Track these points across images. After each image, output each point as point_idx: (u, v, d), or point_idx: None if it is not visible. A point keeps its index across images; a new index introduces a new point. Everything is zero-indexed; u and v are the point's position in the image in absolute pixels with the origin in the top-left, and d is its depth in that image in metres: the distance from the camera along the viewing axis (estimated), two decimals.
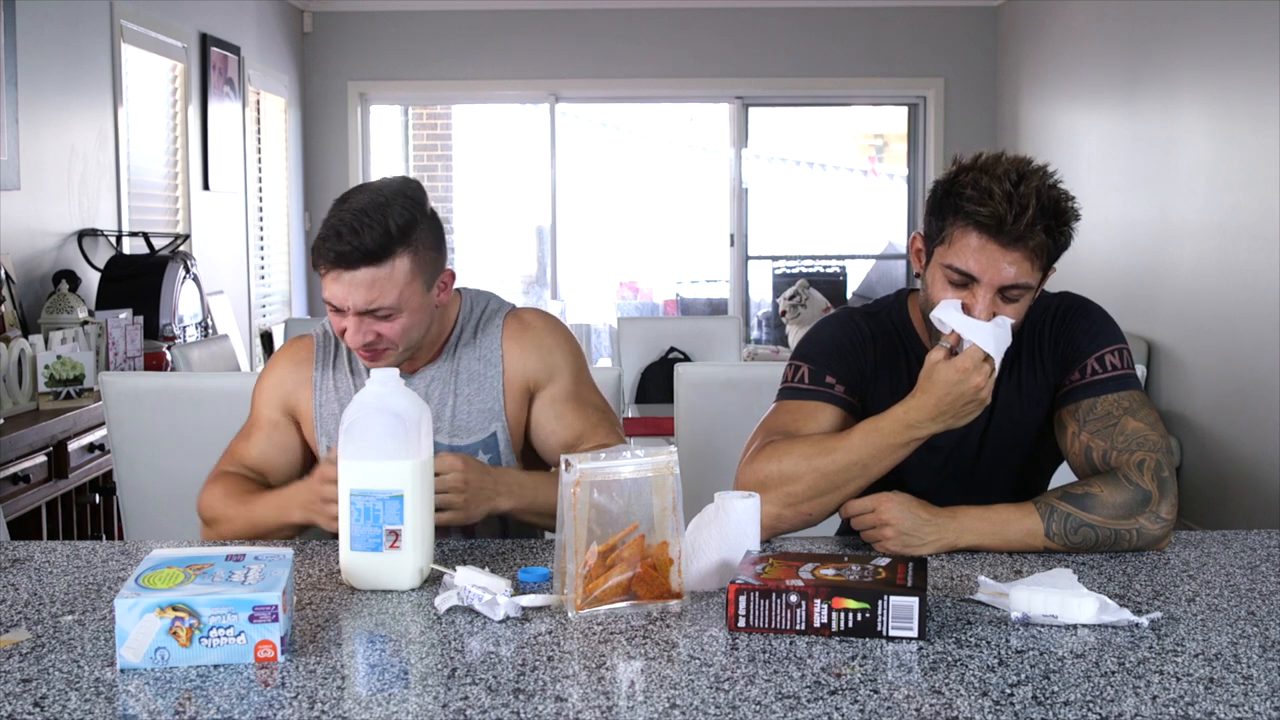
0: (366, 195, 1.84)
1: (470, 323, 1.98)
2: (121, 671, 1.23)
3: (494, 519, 1.90)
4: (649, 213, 9.11)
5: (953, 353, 1.67)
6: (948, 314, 1.68)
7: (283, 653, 1.26)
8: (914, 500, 1.66)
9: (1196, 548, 1.72)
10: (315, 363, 1.99)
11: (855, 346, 1.86)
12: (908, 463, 1.74)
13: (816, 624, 1.34)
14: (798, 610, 1.34)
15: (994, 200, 1.64)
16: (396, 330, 1.82)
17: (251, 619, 1.24)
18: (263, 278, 6.65)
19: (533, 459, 2.00)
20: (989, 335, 1.66)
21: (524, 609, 1.42)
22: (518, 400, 1.95)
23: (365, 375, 1.94)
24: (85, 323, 3.86)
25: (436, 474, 1.64)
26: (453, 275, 1.92)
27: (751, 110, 7.78)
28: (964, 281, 1.68)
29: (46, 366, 3.44)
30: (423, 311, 1.85)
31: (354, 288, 1.78)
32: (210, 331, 4.94)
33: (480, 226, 8.83)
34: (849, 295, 7.83)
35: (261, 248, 6.62)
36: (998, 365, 1.67)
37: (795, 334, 6.36)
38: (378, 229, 1.77)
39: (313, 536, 1.82)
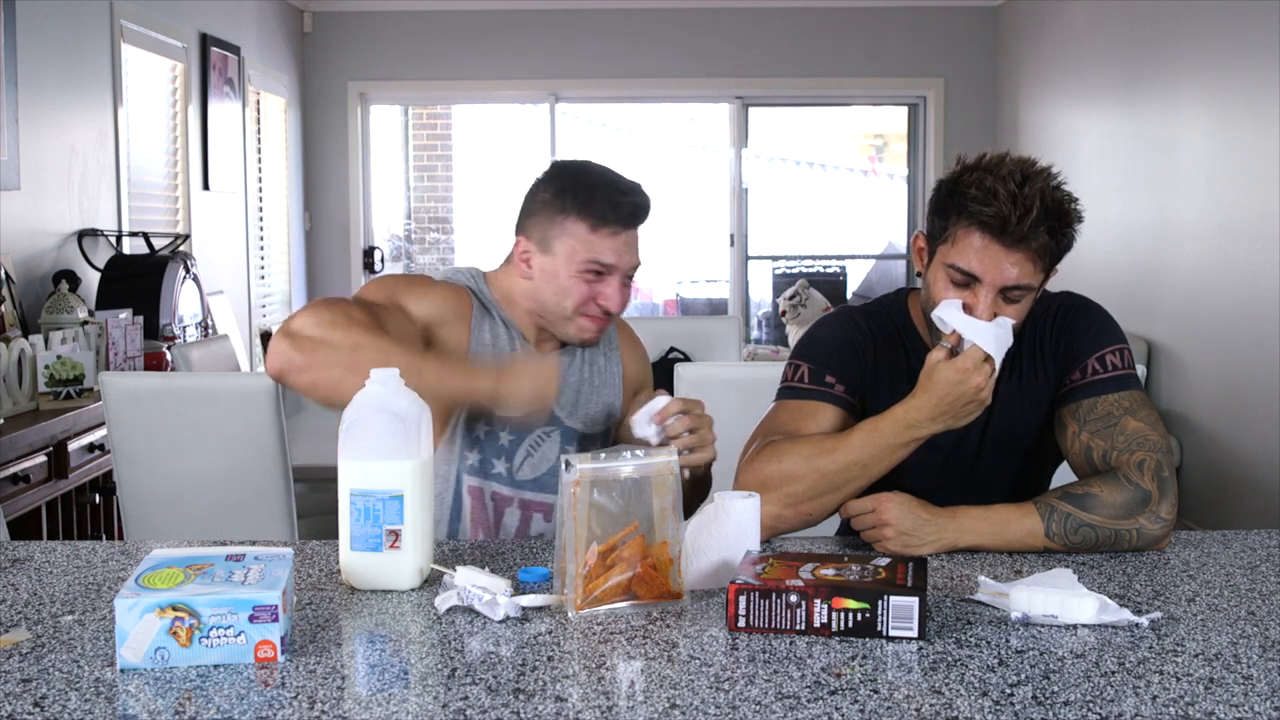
0: (600, 165, 1.95)
1: None
2: (121, 671, 1.23)
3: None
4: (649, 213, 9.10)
5: (953, 353, 1.67)
6: (948, 313, 1.68)
7: (283, 653, 1.26)
8: (914, 500, 1.66)
9: (1196, 548, 1.72)
10: (473, 308, 1.92)
11: (855, 345, 1.86)
12: (908, 462, 1.74)
13: (816, 624, 1.34)
14: (798, 610, 1.34)
15: (998, 201, 1.64)
16: (629, 299, 1.92)
17: (251, 619, 1.24)
18: (263, 278, 6.65)
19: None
20: (990, 335, 1.66)
21: (524, 609, 1.42)
22: (628, 401, 2.01)
23: (510, 331, 1.92)
24: (85, 323, 3.86)
25: (676, 414, 1.70)
26: None
27: (751, 110, 7.78)
28: (966, 281, 1.68)
29: (46, 366, 3.44)
30: None
31: (630, 247, 1.89)
32: (210, 331, 4.94)
33: (480, 226, 8.83)
34: (849, 295, 7.83)
35: (261, 248, 6.62)
36: (998, 366, 1.67)
37: (795, 334, 6.36)
38: (644, 195, 1.89)
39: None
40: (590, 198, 1.85)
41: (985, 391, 1.66)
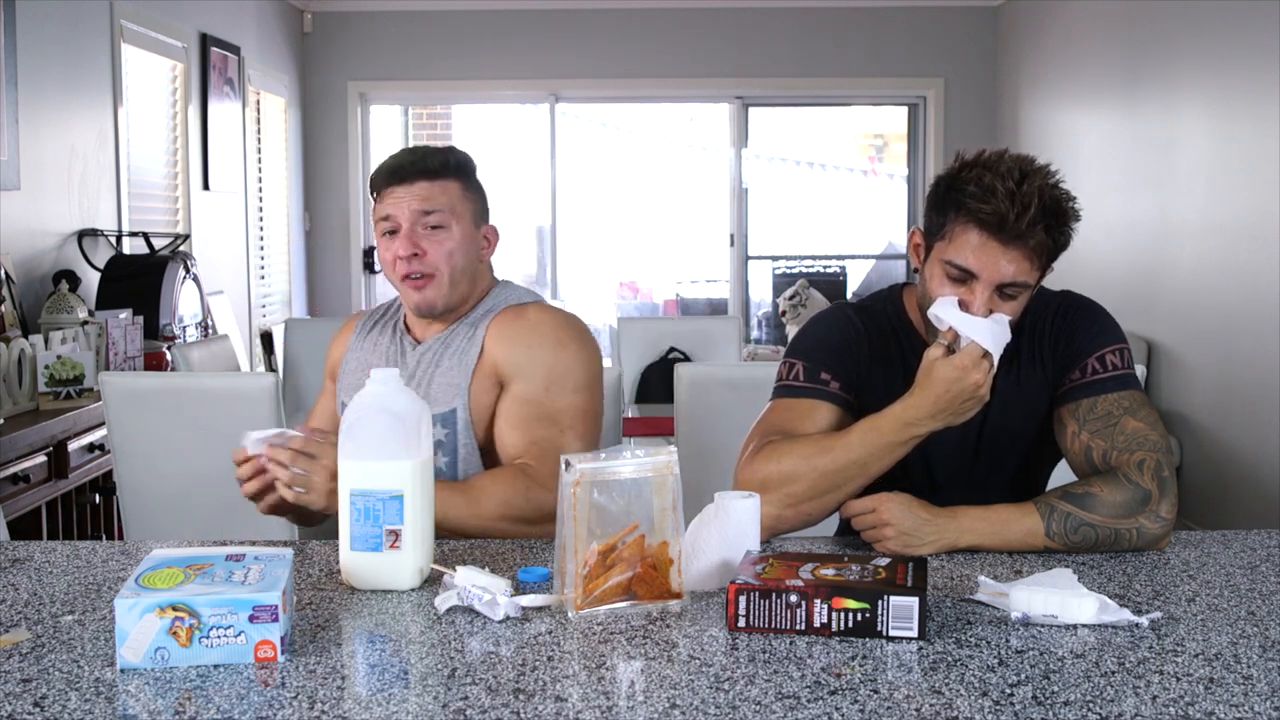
0: (422, 146, 2.03)
1: (485, 307, 2.00)
2: (121, 671, 1.23)
3: None
4: (649, 213, 9.11)
5: (950, 350, 1.67)
6: (945, 311, 1.68)
7: (283, 653, 1.26)
8: (914, 500, 1.66)
9: (1196, 548, 1.72)
10: (359, 326, 2.12)
11: (849, 342, 1.85)
12: (907, 461, 1.74)
13: (816, 624, 1.34)
14: (798, 610, 1.34)
15: (996, 198, 1.64)
16: (441, 251, 1.92)
17: (251, 619, 1.24)
18: (263, 278, 6.65)
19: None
20: (987, 332, 1.66)
21: (524, 609, 1.42)
22: (485, 384, 1.93)
23: (394, 327, 2.05)
24: (85, 323, 3.86)
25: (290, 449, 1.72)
26: (496, 233, 2.03)
27: (751, 110, 7.78)
28: (963, 278, 1.68)
29: (46, 366, 3.44)
30: (467, 246, 1.95)
31: (408, 198, 1.92)
32: (210, 331, 4.94)
33: None
34: (849, 295, 7.83)
35: (261, 248, 6.62)
36: (996, 362, 1.67)
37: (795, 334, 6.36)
38: (436, 156, 1.95)
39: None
40: (379, 168, 1.97)
41: (984, 388, 1.65)
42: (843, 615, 1.33)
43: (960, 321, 1.66)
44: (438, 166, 1.94)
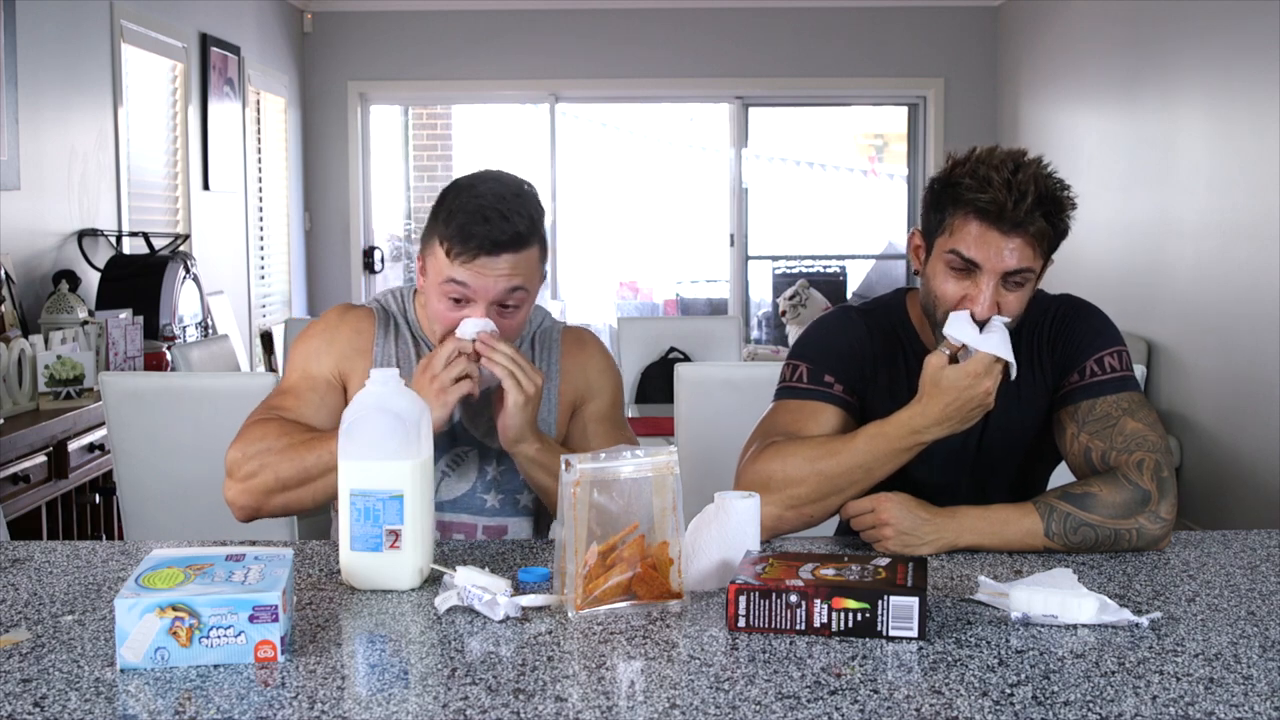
0: (498, 183, 1.79)
1: (529, 333, 1.98)
2: (121, 671, 1.23)
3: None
4: (649, 213, 9.11)
5: (954, 359, 1.67)
6: (957, 328, 1.68)
7: (283, 653, 1.26)
8: (913, 500, 1.66)
9: (1196, 548, 1.72)
10: (376, 334, 1.93)
11: (853, 344, 1.86)
12: (908, 463, 1.74)
13: (816, 624, 1.34)
14: (798, 610, 1.34)
15: (993, 187, 1.65)
16: (514, 326, 1.81)
17: (251, 619, 1.24)
18: (263, 278, 6.65)
19: None
20: (1000, 343, 1.66)
21: (524, 609, 1.41)
22: (565, 413, 1.97)
23: (427, 347, 1.93)
24: (85, 323, 3.86)
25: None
26: (545, 276, 1.89)
27: (751, 110, 7.78)
28: (966, 270, 1.69)
29: (46, 366, 3.44)
30: (530, 308, 1.86)
31: (495, 274, 1.74)
32: (210, 331, 4.94)
33: None
34: (849, 295, 7.83)
35: (261, 248, 6.62)
36: (1014, 372, 1.67)
37: (795, 334, 6.36)
38: (524, 214, 1.75)
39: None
40: (448, 222, 1.75)
41: (992, 396, 1.66)
42: (843, 615, 1.33)
43: (973, 339, 1.67)
44: (526, 232, 1.74)
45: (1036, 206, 1.65)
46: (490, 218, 1.72)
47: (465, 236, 1.73)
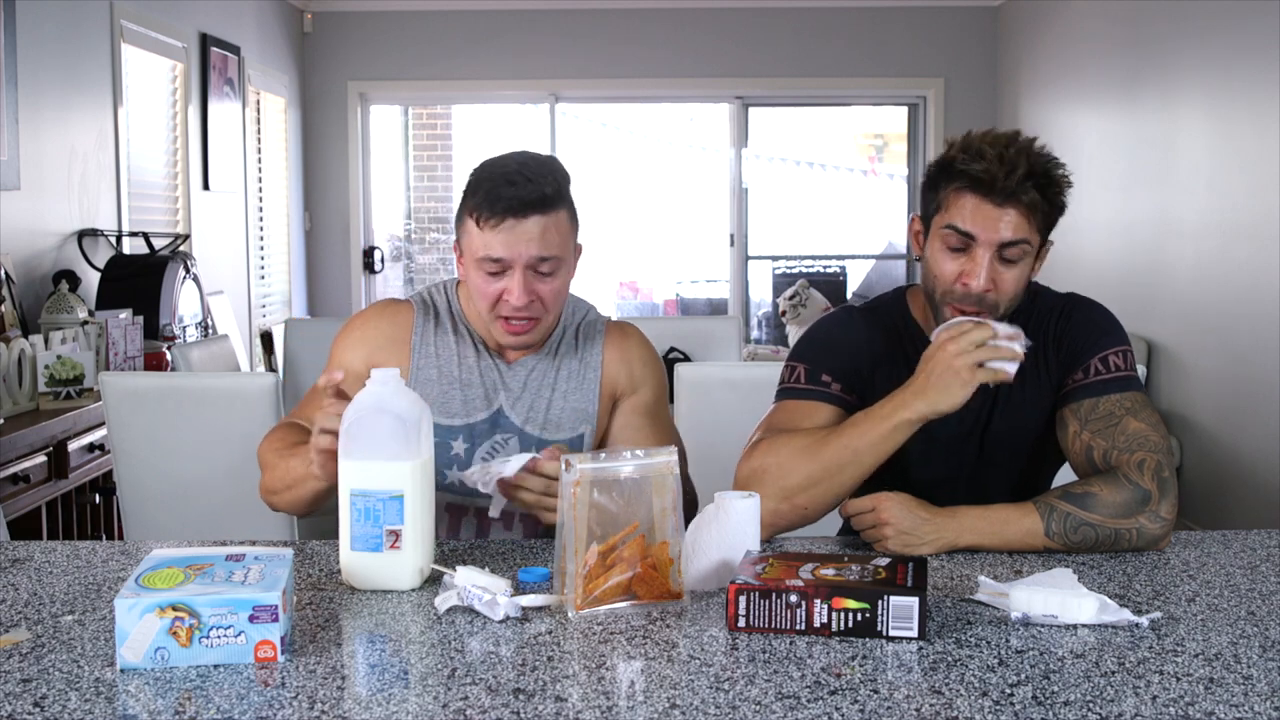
0: (523, 154, 1.83)
1: (573, 323, 1.97)
2: (121, 671, 1.23)
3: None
4: (649, 212, 9.11)
5: None
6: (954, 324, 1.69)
7: (283, 653, 1.26)
8: (913, 500, 1.66)
9: (1196, 548, 1.72)
10: (415, 327, 1.93)
11: (851, 343, 1.86)
12: (908, 460, 1.74)
13: (816, 624, 1.34)
14: (798, 610, 1.34)
15: (985, 159, 1.68)
16: (552, 292, 1.81)
17: (251, 619, 1.24)
18: (263, 278, 6.65)
19: None
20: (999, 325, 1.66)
21: (524, 609, 1.42)
22: (606, 406, 1.96)
23: (472, 340, 1.92)
24: (85, 323, 3.87)
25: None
26: (581, 249, 1.90)
27: (751, 110, 7.78)
28: (962, 245, 1.70)
29: (46, 366, 3.44)
30: (569, 278, 1.86)
31: (525, 238, 1.76)
32: (210, 331, 4.94)
33: None
34: (849, 295, 7.83)
35: (261, 248, 6.62)
36: (1021, 351, 1.64)
37: (795, 334, 6.36)
38: (549, 177, 1.78)
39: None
40: (474, 192, 1.78)
41: (961, 360, 1.62)
42: (843, 615, 1.33)
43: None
44: (553, 193, 1.77)
45: (1028, 178, 1.67)
46: (516, 181, 1.75)
47: (493, 200, 1.75)
